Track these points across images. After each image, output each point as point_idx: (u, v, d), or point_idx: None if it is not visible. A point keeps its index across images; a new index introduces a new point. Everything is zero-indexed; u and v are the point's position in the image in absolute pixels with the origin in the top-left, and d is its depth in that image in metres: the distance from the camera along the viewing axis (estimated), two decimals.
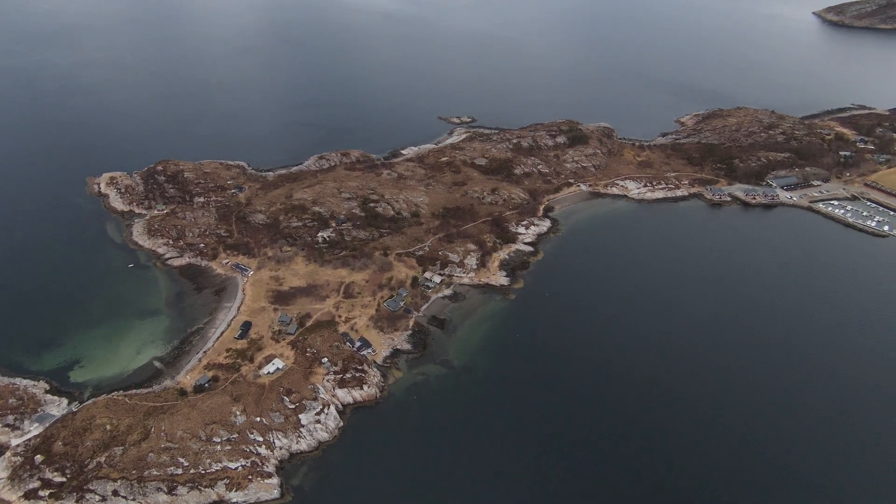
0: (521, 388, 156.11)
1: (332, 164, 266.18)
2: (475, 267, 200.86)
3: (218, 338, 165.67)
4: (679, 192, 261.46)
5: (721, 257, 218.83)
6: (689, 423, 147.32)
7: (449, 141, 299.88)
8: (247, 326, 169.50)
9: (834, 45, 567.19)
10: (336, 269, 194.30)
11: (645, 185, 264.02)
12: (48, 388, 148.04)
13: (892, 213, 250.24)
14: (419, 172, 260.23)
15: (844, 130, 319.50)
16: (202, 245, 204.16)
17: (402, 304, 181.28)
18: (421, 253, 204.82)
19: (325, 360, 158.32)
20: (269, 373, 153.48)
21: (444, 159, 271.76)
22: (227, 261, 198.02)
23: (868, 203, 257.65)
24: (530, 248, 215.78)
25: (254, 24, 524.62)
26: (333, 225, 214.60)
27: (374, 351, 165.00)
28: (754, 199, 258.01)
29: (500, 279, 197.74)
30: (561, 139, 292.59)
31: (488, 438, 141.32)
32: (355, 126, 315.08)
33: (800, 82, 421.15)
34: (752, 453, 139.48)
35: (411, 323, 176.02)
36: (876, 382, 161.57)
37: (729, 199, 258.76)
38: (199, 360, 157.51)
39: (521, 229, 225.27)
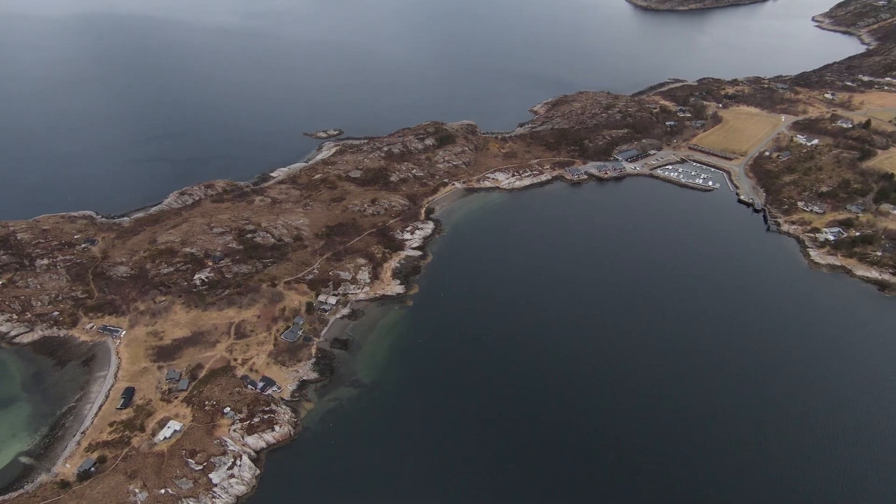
0: (433, 392, 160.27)
1: (197, 198, 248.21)
2: (368, 281, 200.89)
3: (96, 413, 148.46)
4: (543, 177, 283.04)
5: (589, 228, 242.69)
6: (606, 389, 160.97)
7: (319, 157, 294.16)
8: (129, 393, 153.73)
9: (645, 28, 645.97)
10: (222, 311, 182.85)
11: (513, 175, 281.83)
12: None
13: (713, 170, 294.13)
14: (294, 194, 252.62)
15: (666, 103, 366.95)
16: (56, 313, 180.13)
17: (300, 333, 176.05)
18: (311, 277, 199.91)
19: (228, 409, 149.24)
20: (165, 438, 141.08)
21: (317, 177, 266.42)
22: (91, 325, 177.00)
23: (694, 164, 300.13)
24: (419, 253, 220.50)
25: (75, 53, 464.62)
26: (210, 264, 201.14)
27: (279, 388, 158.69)
28: (606, 173, 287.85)
29: (395, 288, 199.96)
30: (429, 141, 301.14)
31: (409, 449, 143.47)
32: (214, 154, 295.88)
33: (625, 63, 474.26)
34: (653, 410, 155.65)
35: (314, 350, 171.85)
36: (706, 307, 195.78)
37: (586, 176, 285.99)
38: (79, 443, 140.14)
39: (407, 235, 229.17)
